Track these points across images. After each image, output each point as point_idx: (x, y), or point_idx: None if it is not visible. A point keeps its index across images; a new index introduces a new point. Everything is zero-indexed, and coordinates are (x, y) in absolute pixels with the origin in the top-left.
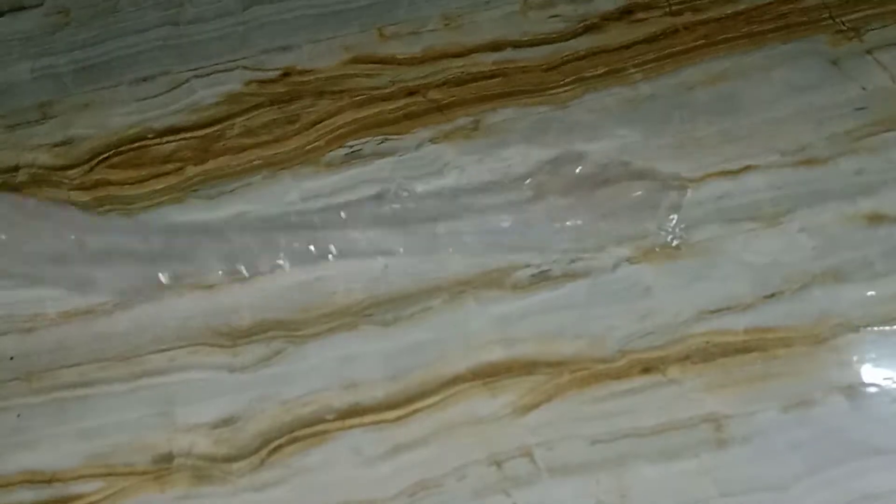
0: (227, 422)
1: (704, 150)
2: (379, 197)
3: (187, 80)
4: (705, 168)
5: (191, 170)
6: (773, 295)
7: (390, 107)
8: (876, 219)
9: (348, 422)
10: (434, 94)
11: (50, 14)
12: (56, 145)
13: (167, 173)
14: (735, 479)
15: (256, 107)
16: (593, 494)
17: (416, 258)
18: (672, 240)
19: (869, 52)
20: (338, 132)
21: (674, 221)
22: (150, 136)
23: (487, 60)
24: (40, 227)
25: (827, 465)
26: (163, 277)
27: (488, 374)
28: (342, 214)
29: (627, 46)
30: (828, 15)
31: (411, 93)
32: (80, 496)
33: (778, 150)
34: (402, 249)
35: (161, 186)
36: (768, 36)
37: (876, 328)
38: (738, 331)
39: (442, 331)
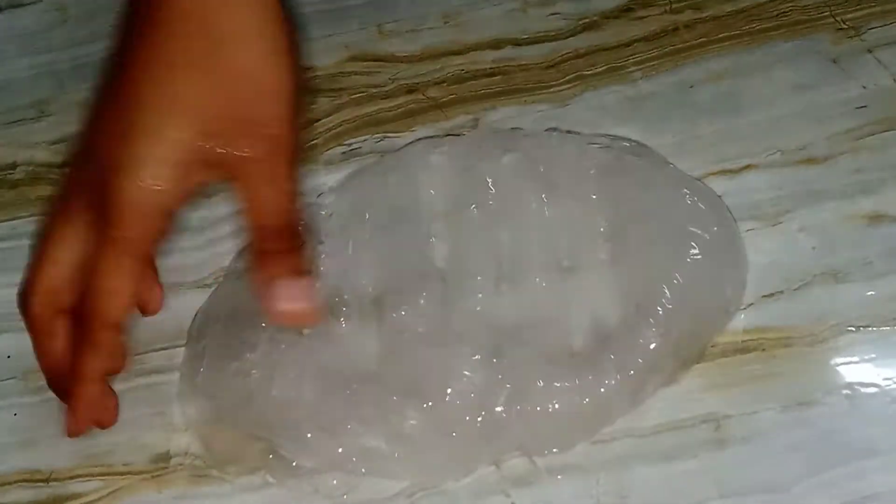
0: None
1: (704, 148)
2: None
3: None
4: (705, 167)
5: None
6: (772, 294)
7: (389, 105)
8: (876, 218)
9: None
10: (433, 92)
11: (48, 11)
12: (54, 143)
13: None
14: (735, 479)
15: None
16: (593, 495)
17: None
18: None
19: (870, 50)
20: (336, 130)
21: None
22: None
23: (487, 58)
24: None
25: (827, 466)
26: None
27: None
28: None
29: (627, 44)
30: (829, 13)
31: (410, 91)
32: (77, 495)
33: (778, 149)
34: None
35: None
36: (769, 34)
37: (876, 328)
38: (738, 330)
39: None
